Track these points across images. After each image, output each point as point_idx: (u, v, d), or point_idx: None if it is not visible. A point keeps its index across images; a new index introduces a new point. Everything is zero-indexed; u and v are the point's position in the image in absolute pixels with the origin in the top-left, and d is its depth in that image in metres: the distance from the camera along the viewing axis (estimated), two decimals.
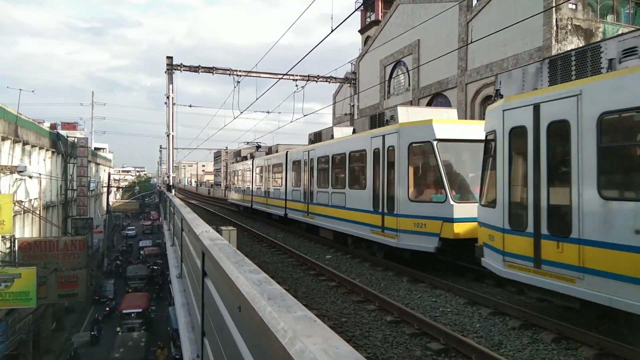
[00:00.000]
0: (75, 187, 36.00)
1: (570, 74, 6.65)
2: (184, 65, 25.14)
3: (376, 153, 12.06)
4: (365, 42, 38.42)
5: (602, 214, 5.76)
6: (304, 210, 17.70)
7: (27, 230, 24.81)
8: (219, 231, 5.92)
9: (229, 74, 25.41)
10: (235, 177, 32.72)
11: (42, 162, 28.30)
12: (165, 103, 25.71)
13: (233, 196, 33.80)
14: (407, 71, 28.78)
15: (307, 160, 17.54)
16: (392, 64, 30.50)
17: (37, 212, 26.06)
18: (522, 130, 7.07)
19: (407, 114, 12.05)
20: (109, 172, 58.68)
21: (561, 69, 6.83)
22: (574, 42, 18.58)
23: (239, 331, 2.27)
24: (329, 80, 28.18)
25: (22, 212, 23.75)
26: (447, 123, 10.80)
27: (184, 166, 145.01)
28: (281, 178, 20.95)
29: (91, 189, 41.52)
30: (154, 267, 37.42)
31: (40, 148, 27.86)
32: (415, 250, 10.69)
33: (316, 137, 18.11)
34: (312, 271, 11.68)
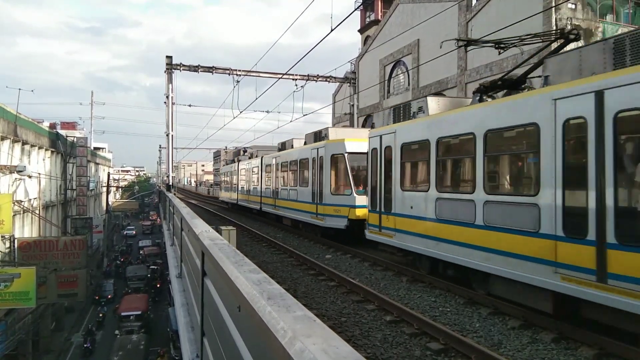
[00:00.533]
0: (74, 187, 36.00)
1: (400, 118, 11.10)
2: (184, 65, 25.11)
3: (314, 160, 16.51)
4: (364, 41, 38.41)
5: (401, 199, 10.63)
6: (272, 204, 22.24)
7: (27, 230, 24.79)
8: (219, 231, 5.92)
9: (229, 74, 25.37)
10: (224, 178, 38.42)
11: (42, 162, 28.28)
12: (165, 103, 25.68)
13: (223, 194, 39.50)
14: (407, 71, 28.78)
15: (275, 165, 21.89)
16: (392, 64, 30.50)
17: (37, 211, 26.04)
18: (375, 150, 11.90)
19: (335, 133, 16.26)
20: (109, 172, 58.65)
21: (396, 114, 11.32)
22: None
23: (239, 331, 2.27)
24: (328, 79, 28.14)
25: (21, 212, 23.73)
26: (355, 141, 15.01)
27: (184, 166, 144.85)
28: (257, 179, 25.46)
29: (90, 188, 41.51)
30: (154, 266, 37.36)
31: (40, 148, 27.85)
32: (335, 228, 15.15)
33: (282, 146, 22.16)
34: (311, 271, 11.69)
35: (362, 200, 13.86)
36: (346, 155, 14.90)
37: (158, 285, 33.84)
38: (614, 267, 5.62)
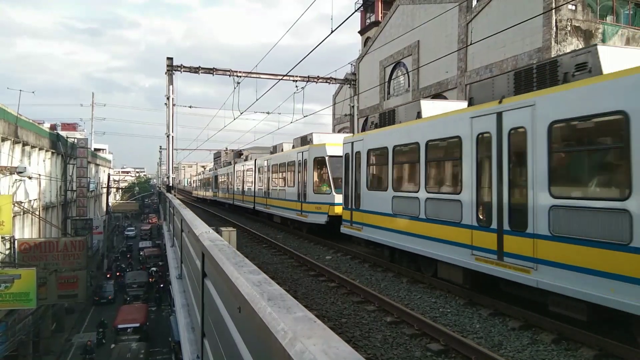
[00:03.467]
0: (74, 188, 35.97)
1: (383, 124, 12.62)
2: (184, 66, 25.11)
3: (299, 163, 18.06)
4: (365, 43, 38.43)
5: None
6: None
7: (27, 231, 24.79)
8: (219, 232, 5.91)
9: (229, 75, 25.37)
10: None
11: (42, 163, 28.28)
12: (165, 104, 25.69)
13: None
14: (407, 72, 28.79)
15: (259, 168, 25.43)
16: (392, 65, 30.51)
17: (37, 213, 26.03)
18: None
19: (319, 138, 18.10)
20: (109, 173, 58.66)
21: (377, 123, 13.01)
22: (573, 43, 18.58)
23: (239, 332, 2.27)
24: (328, 81, 28.16)
25: (21, 213, 23.73)
26: (335, 145, 16.26)
27: (184, 167, 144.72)
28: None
29: (91, 189, 41.49)
30: (153, 269, 37.13)
31: (40, 149, 27.85)
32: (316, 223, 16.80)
33: (274, 149, 24.18)
34: (312, 272, 11.68)
35: (340, 198, 15.13)
36: (327, 158, 16.62)
37: (159, 289, 32.59)
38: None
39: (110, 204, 55.07)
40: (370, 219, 12.01)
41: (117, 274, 39.19)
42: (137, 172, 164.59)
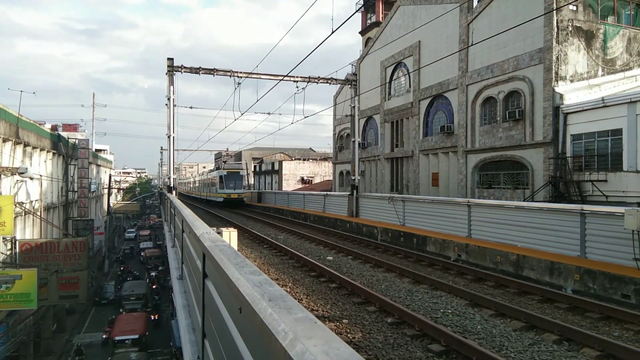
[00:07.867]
0: (76, 189, 36.02)
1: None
2: (185, 67, 25.12)
3: (219, 178, 38.71)
4: (366, 43, 38.45)
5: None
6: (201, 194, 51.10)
7: (28, 231, 24.82)
8: (220, 232, 5.90)
9: (230, 76, 25.37)
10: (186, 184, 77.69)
11: (43, 164, 28.32)
12: (166, 105, 25.70)
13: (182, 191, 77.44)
14: (408, 73, 28.78)
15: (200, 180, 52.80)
16: (393, 66, 30.52)
17: (38, 213, 26.07)
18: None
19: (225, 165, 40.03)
20: (110, 174, 58.75)
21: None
22: (574, 44, 18.57)
23: (240, 333, 2.26)
24: (329, 81, 28.13)
25: (23, 214, 23.76)
26: (227, 170, 39.55)
27: (185, 167, 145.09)
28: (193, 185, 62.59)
29: (92, 190, 41.55)
30: (153, 273, 36.91)
31: (41, 150, 27.89)
32: (219, 201, 38.35)
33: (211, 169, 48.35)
34: (313, 272, 11.68)
35: (226, 192, 38.11)
36: (222, 176, 38.32)
37: (156, 316, 28.84)
38: None
39: (111, 205, 55.13)
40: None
41: (117, 287, 37.81)
42: (138, 172, 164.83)
